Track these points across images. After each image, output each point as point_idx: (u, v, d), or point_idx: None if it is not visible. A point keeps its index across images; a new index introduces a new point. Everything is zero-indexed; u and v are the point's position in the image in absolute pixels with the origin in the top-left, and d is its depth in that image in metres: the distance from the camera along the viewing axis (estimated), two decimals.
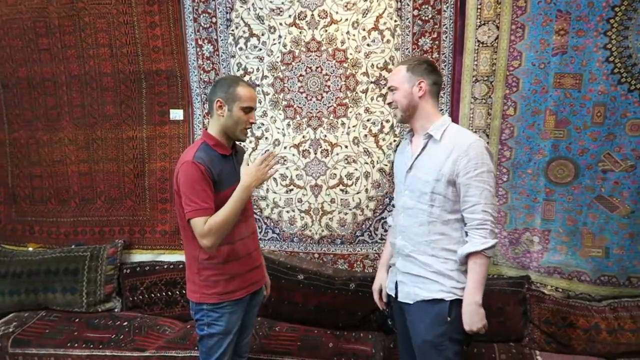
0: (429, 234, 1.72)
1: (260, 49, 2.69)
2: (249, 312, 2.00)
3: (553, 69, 2.25)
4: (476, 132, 2.45)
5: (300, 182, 2.76)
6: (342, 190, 2.72)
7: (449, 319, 1.68)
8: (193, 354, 2.28)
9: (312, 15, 2.57)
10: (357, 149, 2.67)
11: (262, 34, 2.67)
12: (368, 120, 2.63)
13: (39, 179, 3.10)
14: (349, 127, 2.65)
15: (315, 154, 2.72)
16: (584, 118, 2.25)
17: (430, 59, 2.40)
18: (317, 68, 2.63)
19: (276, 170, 1.84)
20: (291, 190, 2.78)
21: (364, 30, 2.54)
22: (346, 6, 2.53)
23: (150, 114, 2.91)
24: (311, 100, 2.67)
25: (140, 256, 2.99)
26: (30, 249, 3.08)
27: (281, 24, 2.62)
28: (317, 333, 2.48)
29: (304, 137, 2.72)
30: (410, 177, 1.78)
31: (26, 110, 3.04)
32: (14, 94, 3.04)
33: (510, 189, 2.46)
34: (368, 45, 2.55)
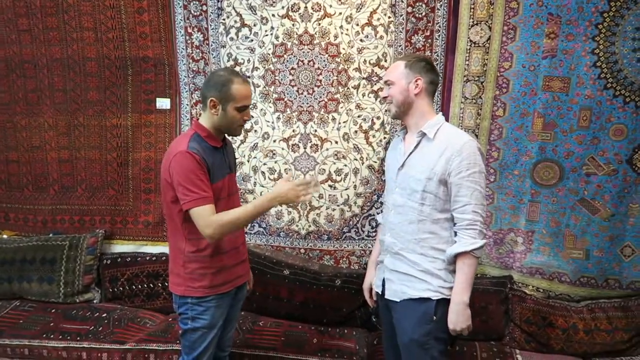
0: (419, 232, 1.72)
1: (252, 40, 2.65)
2: (233, 306, 1.98)
3: (542, 71, 2.28)
4: (466, 132, 2.46)
5: (288, 176, 2.73)
6: (330, 186, 2.71)
7: (435, 318, 1.69)
8: (175, 348, 2.24)
9: (306, 7, 2.54)
10: (347, 145, 2.66)
11: (254, 25, 2.62)
12: (359, 117, 2.62)
13: (15, 165, 2.99)
14: (339, 123, 2.64)
15: (305, 148, 2.70)
16: (570, 121, 2.29)
17: (429, 57, 2.40)
18: (309, 62, 2.61)
19: (309, 199, 1.80)
20: None
21: (357, 25, 2.52)
22: (340, 0, 2.51)
23: (135, 102, 2.84)
24: (302, 94, 2.65)
25: (121, 247, 2.92)
26: (5, 236, 2.98)
27: (274, 15, 2.59)
28: (302, 329, 2.47)
29: (293, 131, 2.69)
30: (401, 174, 1.77)
31: (3, 93, 2.93)
32: None
33: (496, 189, 2.49)
34: (361, 40, 2.54)
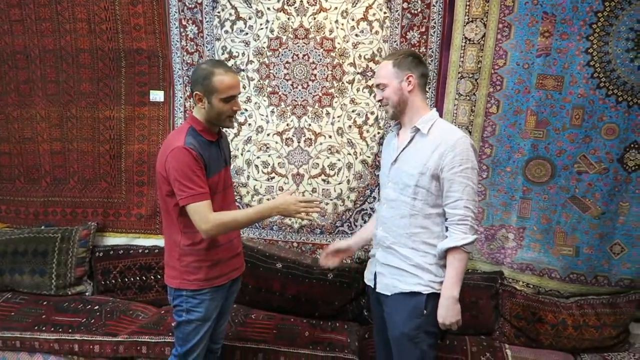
0: (410, 226, 1.73)
1: (247, 33, 2.63)
2: (227, 299, 1.99)
3: (536, 69, 2.29)
4: (460, 128, 2.47)
5: (282, 170, 2.74)
6: (323, 180, 2.71)
7: (425, 312, 1.71)
8: (167, 340, 2.25)
9: (301, 1, 2.53)
10: (340, 139, 2.66)
11: (249, 18, 2.61)
12: (353, 112, 2.62)
13: (7, 156, 2.97)
14: (333, 117, 2.64)
15: (299, 142, 2.70)
16: (563, 120, 2.31)
17: (414, 50, 2.40)
18: (304, 56, 2.60)
19: (308, 219, 1.87)
20: (272, 178, 2.76)
21: (353, 20, 2.52)
22: None
23: (129, 94, 2.82)
24: (297, 88, 2.64)
25: (114, 239, 2.92)
26: None
27: (269, 8, 2.57)
28: (294, 322, 2.49)
29: (287, 125, 2.69)
30: (394, 169, 1.78)
31: None
32: None
33: (489, 186, 2.51)
34: (356, 35, 2.54)
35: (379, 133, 2.62)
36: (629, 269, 2.38)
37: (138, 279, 2.74)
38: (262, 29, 2.61)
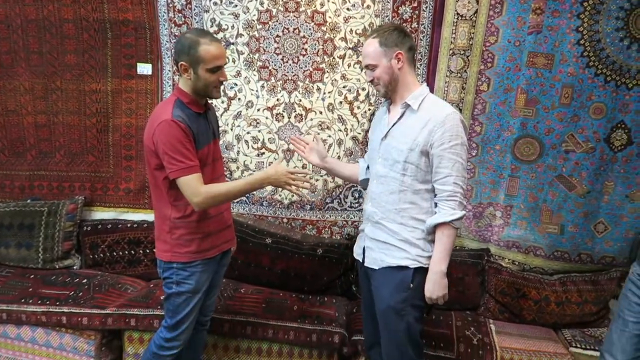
0: (399, 202, 1.74)
1: (236, 5, 2.58)
2: (217, 272, 2.00)
3: (527, 47, 2.29)
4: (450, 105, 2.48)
5: (272, 145, 2.72)
6: None
7: (412, 285, 1.73)
8: (156, 313, 2.26)
9: None
10: (331, 115, 2.65)
11: None
12: (344, 87, 2.60)
13: None
14: (324, 93, 2.62)
15: (289, 118, 2.68)
16: (552, 98, 2.31)
17: (398, 24, 2.37)
18: (294, 29, 2.56)
19: (297, 193, 1.89)
20: (263, 153, 2.74)
21: None
22: None
23: (115, 67, 2.76)
24: (287, 62, 2.61)
25: (102, 214, 2.89)
26: None
27: None
28: (283, 296, 2.51)
29: (278, 100, 2.66)
30: (384, 145, 1.78)
31: None
32: None
33: (478, 164, 2.53)
34: (348, 9, 2.50)
35: (369, 109, 2.61)
36: (612, 247, 2.43)
37: (127, 253, 2.73)
38: (251, 1, 2.55)
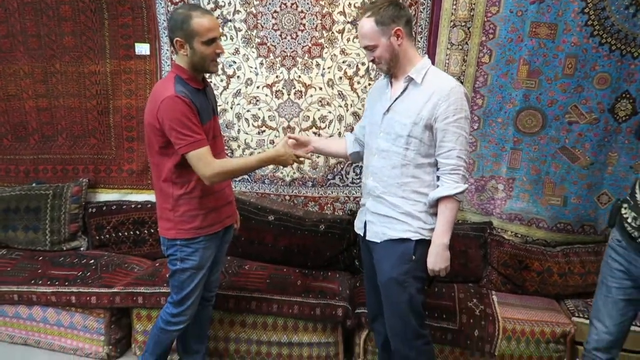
0: (401, 176, 1.74)
1: None
2: (220, 248, 2.02)
3: (530, 17, 2.24)
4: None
5: (272, 123, 2.72)
6: (315, 133, 2.70)
7: (413, 257, 1.74)
8: (162, 290, 2.30)
9: None
10: (331, 91, 2.63)
11: None
12: (343, 62, 2.58)
13: None
14: (323, 69, 2.60)
15: (289, 95, 2.66)
16: (555, 69, 2.28)
17: None
18: (292, 4, 2.52)
19: (297, 163, 1.99)
20: (263, 131, 2.74)
21: None
22: None
23: (113, 48, 2.75)
24: (285, 38, 2.58)
25: (106, 195, 2.92)
26: None
27: None
28: (286, 272, 2.54)
29: (277, 77, 2.64)
30: (387, 119, 1.76)
31: None
32: None
33: (480, 137, 2.51)
34: None
35: (370, 84, 2.59)
36: None
37: (132, 233, 2.76)
38: None
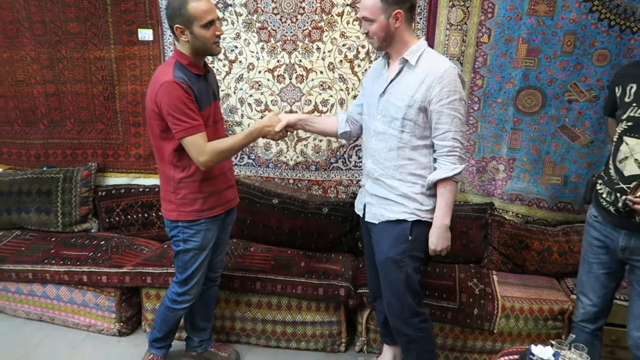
0: (398, 159, 1.76)
1: None
2: (223, 230, 2.08)
3: None
4: (451, 59, 2.45)
5: (275, 107, 2.75)
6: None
7: (410, 237, 1.78)
8: (170, 271, 2.38)
9: None
10: (332, 75, 2.64)
11: None
12: (344, 46, 2.59)
13: (2, 99, 3.00)
14: (324, 52, 2.61)
15: (290, 79, 2.69)
16: (554, 47, 2.27)
17: None
18: None
19: (278, 136, 1.97)
20: (266, 115, 2.77)
21: None
22: None
23: (117, 33, 2.79)
24: (285, 22, 2.59)
25: (115, 179, 3.00)
26: (0, 169, 3.05)
27: None
28: (290, 254, 2.60)
29: (278, 61, 2.67)
30: (383, 101, 1.78)
31: None
32: None
33: (480, 118, 2.52)
34: None
35: (370, 67, 2.59)
36: None
37: (140, 216, 2.84)
38: None
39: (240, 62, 2.71)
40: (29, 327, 2.55)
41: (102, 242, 2.68)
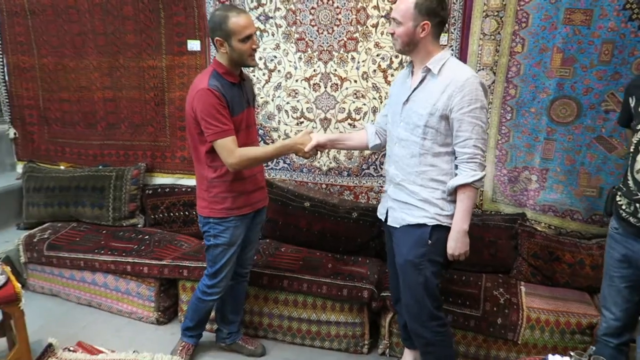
0: (420, 165, 1.81)
1: None
2: (252, 229, 2.20)
3: (564, 3, 2.21)
4: (483, 69, 2.46)
5: (310, 115, 2.86)
6: (350, 125, 2.81)
7: (429, 241, 1.81)
8: (204, 265, 2.51)
9: None
10: (366, 84, 2.73)
11: None
12: (377, 55, 2.66)
13: (67, 103, 3.31)
14: (358, 62, 2.70)
15: (325, 87, 2.80)
16: (591, 56, 2.23)
17: None
18: (328, 1, 2.65)
19: (308, 155, 2.07)
20: (302, 122, 2.89)
21: None
22: None
23: (169, 44, 3.02)
24: (322, 33, 2.71)
25: (161, 179, 3.23)
26: (62, 167, 3.37)
27: None
28: (319, 255, 2.68)
29: (314, 70, 2.78)
30: (406, 109, 1.83)
31: (53, 37, 3.21)
32: (41, 21, 3.20)
33: (512, 127, 2.50)
34: None
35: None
36: None
37: (182, 214, 3.04)
38: None
39: (279, 71, 2.85)
40: (79, 311, 2.80)
41: (147, 237, 2.89)
